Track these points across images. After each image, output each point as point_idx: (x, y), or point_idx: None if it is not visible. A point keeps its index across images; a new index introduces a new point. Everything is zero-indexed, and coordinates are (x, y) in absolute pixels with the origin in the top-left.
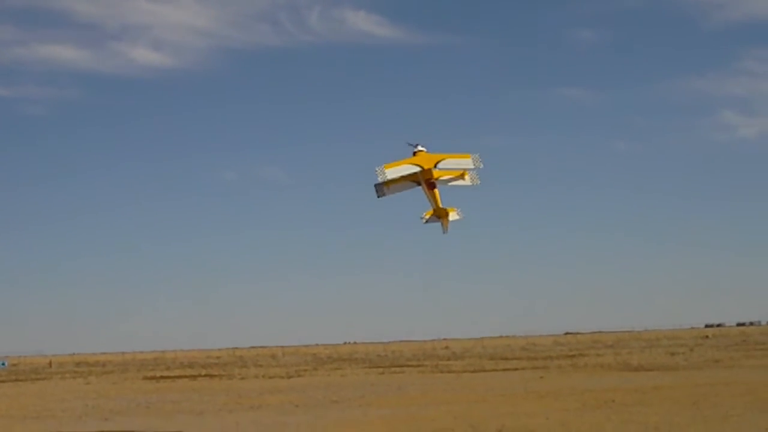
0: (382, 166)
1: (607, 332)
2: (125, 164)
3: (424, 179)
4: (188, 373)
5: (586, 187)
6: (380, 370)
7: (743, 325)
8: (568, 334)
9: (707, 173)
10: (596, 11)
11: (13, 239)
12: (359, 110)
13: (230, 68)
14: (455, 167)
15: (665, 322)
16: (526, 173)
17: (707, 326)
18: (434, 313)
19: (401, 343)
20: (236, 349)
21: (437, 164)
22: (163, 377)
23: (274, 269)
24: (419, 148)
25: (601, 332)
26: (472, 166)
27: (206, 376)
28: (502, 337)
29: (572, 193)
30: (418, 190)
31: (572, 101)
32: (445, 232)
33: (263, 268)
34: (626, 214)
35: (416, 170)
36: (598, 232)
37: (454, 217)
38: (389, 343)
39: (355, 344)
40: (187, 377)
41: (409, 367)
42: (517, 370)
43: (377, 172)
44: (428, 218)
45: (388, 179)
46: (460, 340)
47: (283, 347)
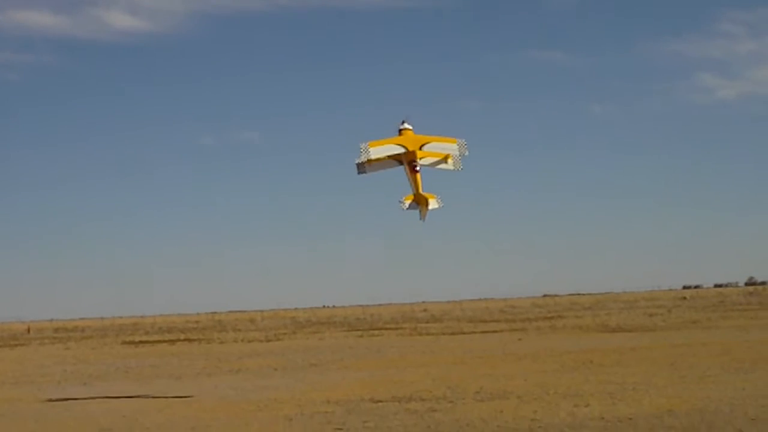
0: (366, 143)
1: (585, 294)
2: (102, 130)
3: (407, 161)
4: (167, 337)
5: (562, 150)
6: (359, 333)
7: (721, 286)
8: (546, 296)
9: (685, 136)
10: None
11: None
12: (335, 74)
13: (208, 33)
14: (440, 151)
15: (643, 283)
16: (502, 136)
17: (685, 288)
18: (413, 276)
19: (380, 306)
20: (215, 313)
21: (422, 146)
22: (141, 342)
23: (252, 233)
24: (405, 125)
25: (579, 294)
26: (457, 152)
27: (185, 340)
28: (480, 299)
29: (549, 156)
30: (400, 167)
31: (549, 64)
32: (422, 219)
33: (242, 232)
34: (604, 177)
35: (401, 151)
36: (575, 194)
37: (433, 205)
38: (368, 306)
39: (333, 308)
40: (165, 342)
41: (387, 329)
42: (495, 332)
43: (361, 148)
44: (409, 205)
45: (371, 158)
46: (438, 302)
47: (261, 311)
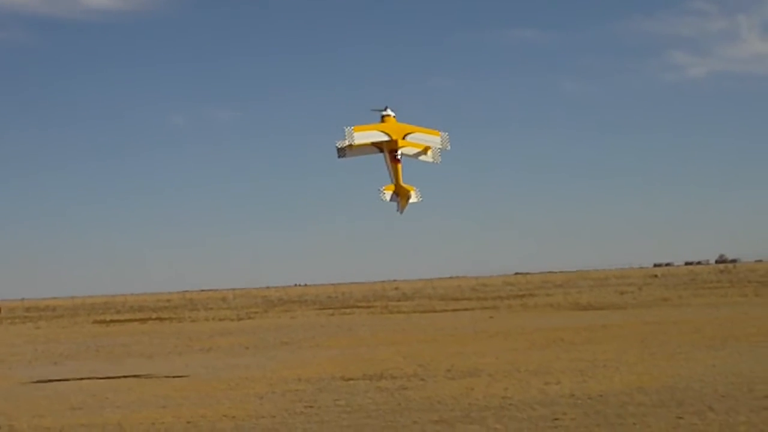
0: (350, 127)
1: (556, 272)
2: (74, 108)
3: (388, 149)
4: (138, 316)
5: (534, 128)
6: (330, 311)
7: (691, 264)
8: (518, 274)
9: (656, 114)
10: None
11: None
12: (307, 54)
13: (181, 10)
14: (423, 143)
15: (614, 261)
16: (474, 114)
17: (656, 265)
18: (384, 254)
19: (351, 284)
20: (186, 292)
21: (406, 136)
22: (113, 321)
23: (224, 213)
24: (388, 112)
25: (550, 272)
26: (439, 145)
27: (156, 319)
28: (452, 277)
29: (521, 134)
30: (379, 155)
31: (520, 42)
32: (401, 212)
33: (213, 211)
34: (575, 155)
35: (385, 139)
36: (547, 172)
37: (413, 199)
38: (339, 284)
39: (305, 286)
40: (137, 320)
41: (358, 308)
42: (467, 310)
43: (345, 132)
44: (390, 196)
45: (355, 143)
46: (410, 281)
47: (233, 290)
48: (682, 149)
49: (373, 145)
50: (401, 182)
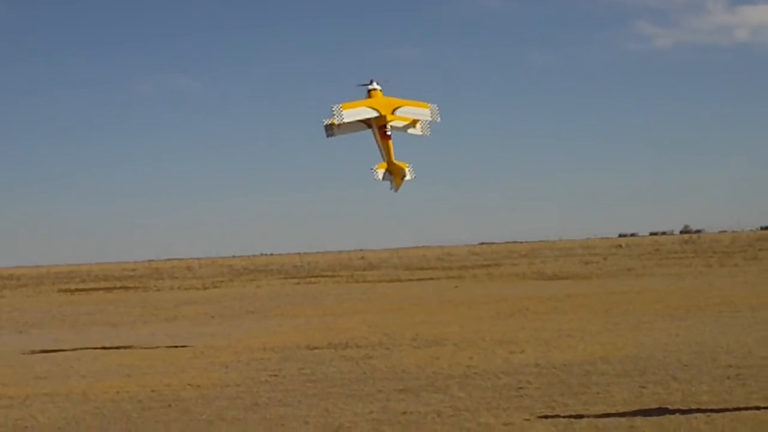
0: (338, 105)
1: (522, 242)
2: (37, 78)
3: (378, 125)
4: (103, 285)
5: (501, 98)
6: (296, 280)
7: (656, 234)
8: (483, 244)
9: (622, 84)
10: None
11: None
12: (272, 24)
13: None
14: (412, 116)
15: (579, 231)
16: (441, 84)
17: (621, 236)
18: (350, 223)
19: (317, 253)
20: (152, 261)
21: (395, 111)
22: (78, 290)
23: (189, 181)
24: (374, 86)
25: (516, 242)
26: (429, 117)
27: (121, 288)
28: (417, 247)
29: (487, 103)
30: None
31: (488, 12)
32: (396, 190)
33: (178, 180)
34: (540, 125)
35: (374, 115)
36: (512, 142)
37: (407, 176)
38: (305, 253)
39: (270, 255)
40: (102, 290)
41: (324, 277)
42: (432, 279)
43: (333, 111)
44: (383, 174)
45: (344, 121)
46: (375, 250)
47: (198, 259)
48: (647, 120)
49: (361, 121)
50: (393, 159)
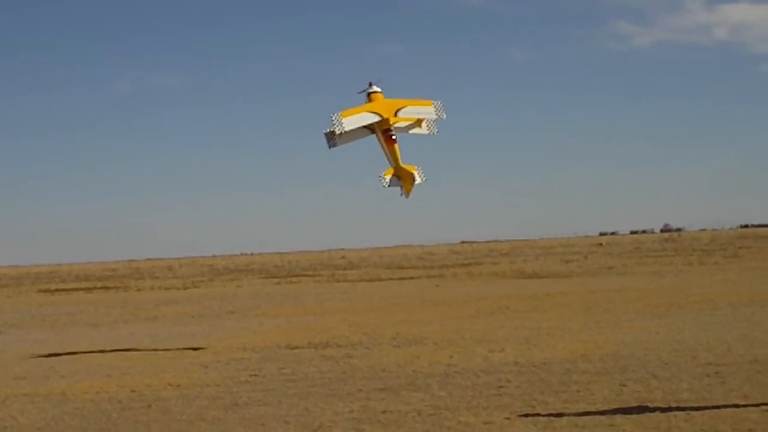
0: (338, 113)
1: (502, 241)
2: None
3: (381, 129)
4: (83, 285)
5: (482, 95)
6: (276, 280)
7: (636, 233)
8: (464, 242)
9: (601, 83)
10: None
11: None
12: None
13: None
14: (416, 116)
15: (560, 230)
16: (422, 81)
17: (601, 234)
18: (331, 223)
19: (298, 253)
20: (132, 261)
21: (397, 112)
22: (58, 290)
23: (170, 181)
24: (374, 89)
25: (496, 241)
26: (434, 115)
27: (102, 288)
28: (398, 246)
29: (467, 101)
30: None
31: (469, 9)
32: (407, 196)
33: (159, 179)
34: (521, 123)
35: (376, 119)
36: (493, 141)
37: (417, 180)
38: (286, 253)
39: (251, 255)
40: (82, 290)
41: (305, 276)
42: (413, 279)
43: (333, 120)
44: (390, 180)
45: (346, 130)
46: (356, 249)
47: (179, 259)
48: (627, 119)
49: (364, 127)
50: (401, 163)
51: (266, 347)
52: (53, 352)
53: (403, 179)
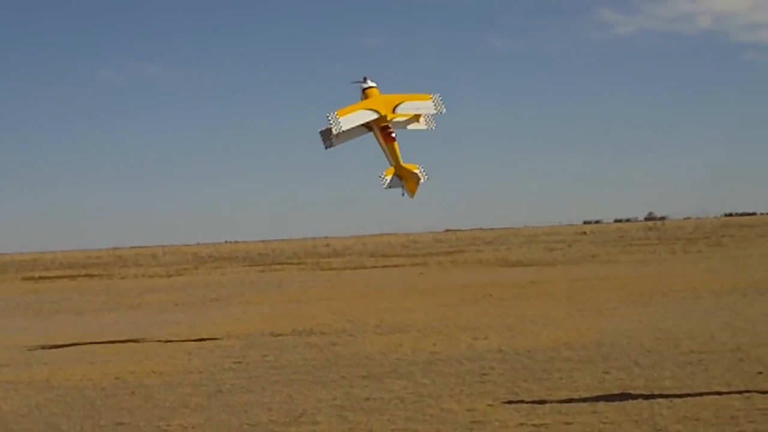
0: (334, 112)
1: (486, 229)
2: None
3: (379, 126)
4: (67, 273)
5: (463, 84)
6: (261, 268)
7: (621, 221)
8: (448, 231)
9: (584, 71)
10: None
11: None
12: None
13: None
14: (415, 111)
15: (544, 218)
16: (403, 70)
17: (585, 222)
18: (315, 210)
19: (282, 241)
20: (116, 248)
21: (395, 108)
22: (42, 278)
23: (153, 169)
24: (369, 84)
25: (481, 229)
26: (433, 110)
27: (86, 276)
28: (382, 234)
29: (446, 89)
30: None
31: None
32: (411, 196)
33: (143, 168)
34: (504, 111)
35: (375, 117)
36: (475, 129)
37: (421, 179)
38: (270, 241)
39: (235, 243)
40: (66, 277)
41: (289, 264)
42: (397, 267)
43: (329, 119)
44: (390, 181)
45: (343, 129)
46: (341, 237)
47: (163, 246)
48: (611, 107)
49: (362, 125)
50: (402, 162)
51: (250, 334)
52: (37, 339)
53: (405, 179)
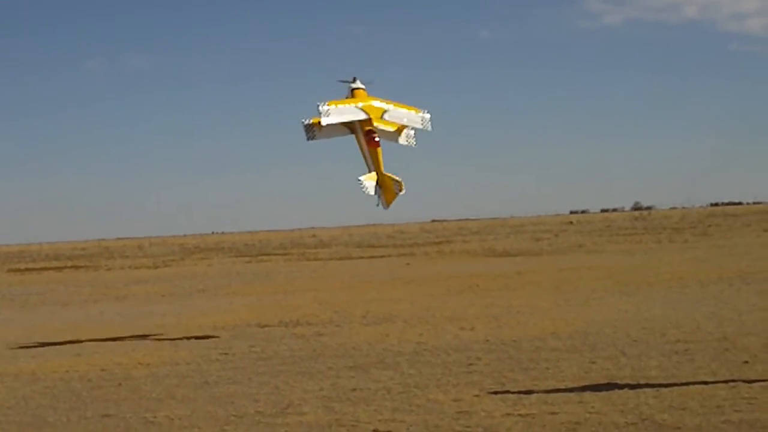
0: (324, 103)
1: (473, 219)
2: None
3: (364, 130)
4: (54, 264)
5: (450, 74)
6: (247, 258)
7: (607, 211)
8: (434, 221)
9: (571, 60)
10: None
11: None
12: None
13: None
14: (400, 121)
15: (531, 208)
16: (390, 61)
17: (572, 212)
18: (302, 201)
19: (268, 232)
20: (102, 240)
21: (384, 114)
22: (28, 269)
23: (140, 160)
24: (357, 84)
25: (467, 219)
26: (419, 125)
27: (72, 267)
28: (369, 225)
29: (436, 80)
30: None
31: None
32: (386, 207)
33: (129, 158)
34: (490, 101)
35: (364, 117)
36: (462, 118)
37: (402, 191)
38: (256, 231)
39: (222, 234)
40: (52, 269)
41: (276, 255)
42: (383, 257)
43: (320, 110)
44: (374, 188)
45: (331, 122)
46: (327, 228)
47: (149, 238)
48: (598, 96)
49: (345, 125)
50: (383, 170)
51: (236, 325)
52: (23, 331)
53: (384, 188)
